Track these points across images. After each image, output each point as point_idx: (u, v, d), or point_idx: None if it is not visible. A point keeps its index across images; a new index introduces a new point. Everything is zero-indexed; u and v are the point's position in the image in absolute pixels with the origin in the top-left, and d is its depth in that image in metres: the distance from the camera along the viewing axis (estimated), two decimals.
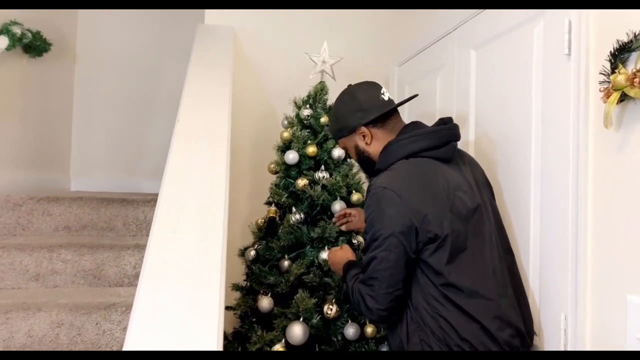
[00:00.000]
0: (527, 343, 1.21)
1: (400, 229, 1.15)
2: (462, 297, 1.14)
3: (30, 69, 2.52)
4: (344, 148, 1.50)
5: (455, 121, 1.76)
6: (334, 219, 1.77)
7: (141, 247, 1.97)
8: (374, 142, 1.37)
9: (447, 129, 1.33)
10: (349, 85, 1.47)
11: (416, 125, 1.38)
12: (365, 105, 1.37)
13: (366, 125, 1.37)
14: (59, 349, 1.71)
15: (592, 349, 1.14)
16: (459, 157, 1.37)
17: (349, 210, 1.76)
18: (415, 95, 1.53)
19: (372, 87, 1.41)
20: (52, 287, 1.91)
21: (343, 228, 1.75)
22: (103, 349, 1.74)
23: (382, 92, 1.40)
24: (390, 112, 1.39)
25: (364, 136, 1.37)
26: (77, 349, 1.72)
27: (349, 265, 1.42)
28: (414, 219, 1.15)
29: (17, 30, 2.23)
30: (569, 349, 1.18)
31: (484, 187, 1.34)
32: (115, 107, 3.12)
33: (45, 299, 1.75)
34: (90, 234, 2.18)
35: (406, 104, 2.27)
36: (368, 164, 1.42)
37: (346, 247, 1.59)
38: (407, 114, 2.26)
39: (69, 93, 3.03)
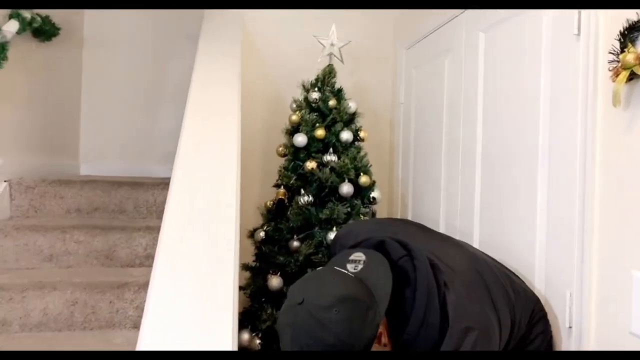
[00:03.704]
0: None
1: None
2: None
3: (39, 53, 2.53)
4: None
5: (463, 103, 1.78)
6: None
7: (152, 229, 2.01)
8: (385, 336, 1.06)
9: None
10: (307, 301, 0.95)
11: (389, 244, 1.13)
12: (366, 296, 0.97)
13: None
14: (73, 327, 1.76)
15: (596, 326, 1.16)
16: None
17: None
18: None
19: (342, 275, 1.00)
20: (65, 267, 1.95)
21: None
22: (116, 327, 1.79)
23: (342, 271, 1.03)
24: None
25: (380, 339, 1.03)
26: (91, 326, 1.77)
27: None
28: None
29: (27, 15, 2.24)
30: (574, 326, 1.21)
31: None
32: (124, 92, 3.13)
33: (60, 279, 1.79)
34: (101, 216, 2.21)
35: (412, 92, 2.30)
36: None
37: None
38: (414, 103, 2.28)
39: (77, 77, 3.04)
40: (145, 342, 0.90)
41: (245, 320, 1.87)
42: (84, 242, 1.98)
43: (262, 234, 1.90)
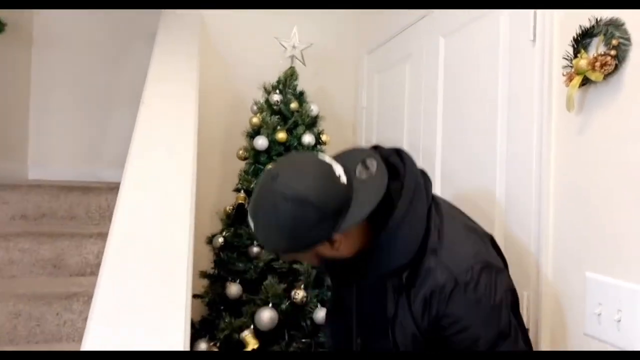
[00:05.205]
0: None
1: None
2: None
3: None
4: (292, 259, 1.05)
5: (423, 109, 1.79)
6: None
7: (104, 236, 1.88)
8: (346, 242, 0.98)
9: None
10: (284, 182, 0.90)
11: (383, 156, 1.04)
12: (331, 207, 0.90)
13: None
14: (16, 341, 1.64)
15: (552, 327, 1.18)
16: None
17: None
18: None
19: (325, 176, 0.92)
20: (8, 277, 1.83)
21: None
22: (64, 340, 1.69)
23: (335, 172, 0.93)
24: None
25: (333, 243, 0.96)
26: (36, 340, 1.66)
27: None
28: None
29: None
30: (531, 327, 1.22)
31: None
32: (76, 93, 2.99)
33: (2, 290, 1.68)
34: (49, 222, 2.09)
35: (374, 97, 2.30)
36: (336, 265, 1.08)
37: None
38: (376, 107, 2.28)
39: (25, 77, 2.88)
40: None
41: (203, 329, 1.81)
42: (30, 250, 1.87)
43: (220, 240, 1.84)
